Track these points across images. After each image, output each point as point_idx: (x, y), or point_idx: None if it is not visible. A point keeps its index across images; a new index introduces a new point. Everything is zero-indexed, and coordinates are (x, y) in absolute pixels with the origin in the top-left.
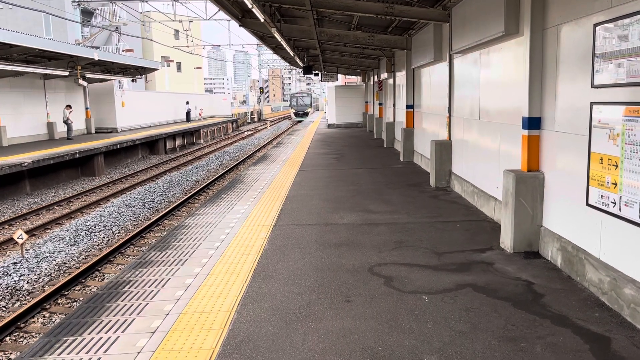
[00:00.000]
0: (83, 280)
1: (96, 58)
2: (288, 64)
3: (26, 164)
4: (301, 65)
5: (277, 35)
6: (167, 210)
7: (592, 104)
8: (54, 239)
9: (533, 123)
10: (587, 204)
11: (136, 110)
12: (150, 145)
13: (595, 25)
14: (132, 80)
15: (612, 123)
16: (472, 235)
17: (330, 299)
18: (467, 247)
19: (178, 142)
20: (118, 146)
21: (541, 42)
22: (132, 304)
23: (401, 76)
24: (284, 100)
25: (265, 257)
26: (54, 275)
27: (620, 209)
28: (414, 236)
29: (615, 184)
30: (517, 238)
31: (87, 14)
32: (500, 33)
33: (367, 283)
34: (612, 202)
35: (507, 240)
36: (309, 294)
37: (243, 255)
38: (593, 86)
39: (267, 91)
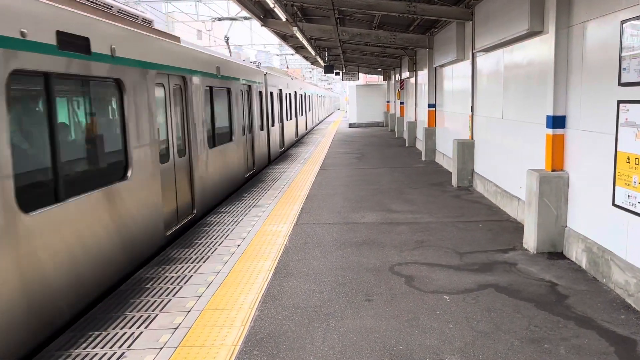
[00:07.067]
0: None
1: None
2: (309, 64)
3: None
4: (322, 64)
5: (299, 35)
6: None
7: (618, 102)
8: None
9: (558, 122)
10: (614, 204)
11: None
12: None
13: (622, 22)
14: None
15: (639, 122)
16: (494, 236)
17: (350, 298)
18: (489, 247)
19: None
20: None
21: (566, 39)
22: (155, 300)
23: (423, 75)
24: None
25: (286, 255)
26: None
27: None
28: (436, 236)
29: None
30: (540, 238)
31: None
32: (524, 31)
33: (387, 282)
34: (639, 202)
35: (530, 240)
36: (329, 292)
37: (264, 253)
38: (620, 84)
39: None
